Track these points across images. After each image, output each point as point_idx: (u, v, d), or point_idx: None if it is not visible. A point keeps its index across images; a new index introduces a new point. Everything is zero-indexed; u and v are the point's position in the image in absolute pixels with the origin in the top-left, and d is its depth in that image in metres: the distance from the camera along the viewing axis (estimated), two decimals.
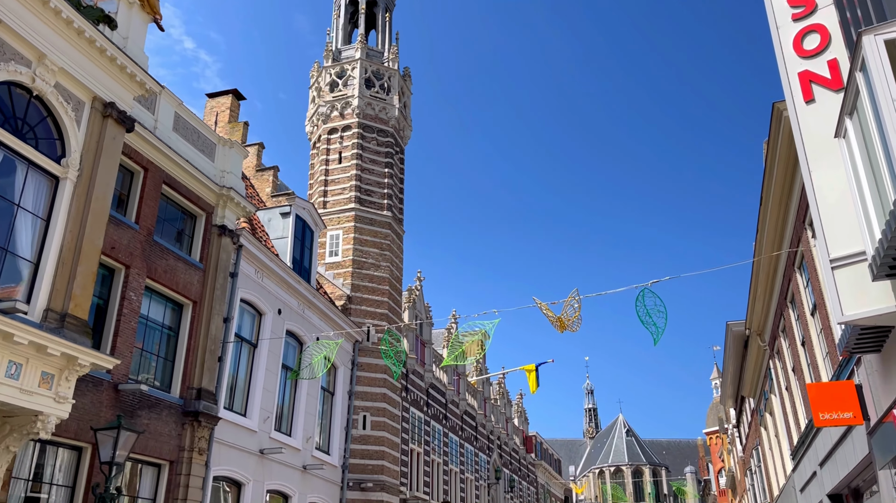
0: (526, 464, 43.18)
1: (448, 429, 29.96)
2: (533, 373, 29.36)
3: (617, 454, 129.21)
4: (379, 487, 20.16)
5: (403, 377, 25.55)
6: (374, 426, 20.85)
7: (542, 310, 12.58)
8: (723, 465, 49.92)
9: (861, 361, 9.81)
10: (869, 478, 11.50)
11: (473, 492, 32.27)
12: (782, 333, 17.32)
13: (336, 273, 22.38)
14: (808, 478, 15.65)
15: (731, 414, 37.00)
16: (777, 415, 20.52)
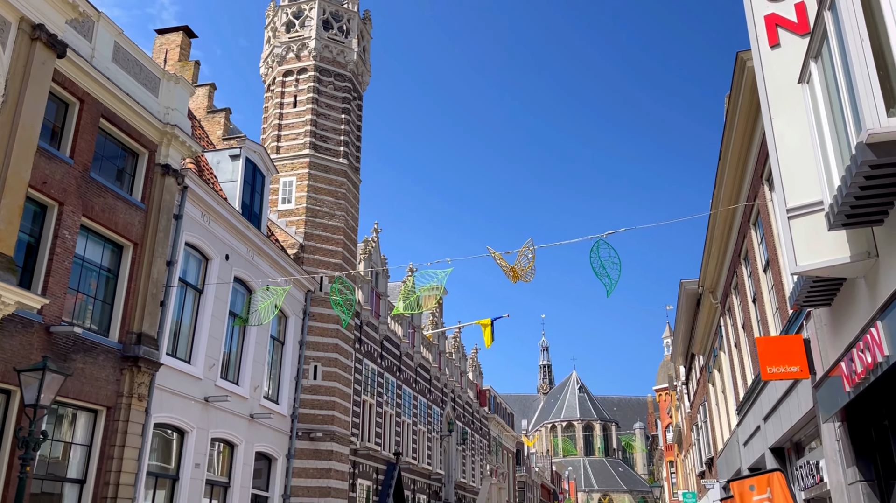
0: (479, 417, 43.61)
1: (402, 381, 29.90)
2: (488, 328, 29.36)
3: (569, 410, 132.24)
4: (329, 437, 19.99)
5: (357, 329, 25.28)
6: (326, 376, 20.58)
7: (495, 259, 12.30)
8: (670, 421, 51.22)
9: (810, 316, 9.78)
10: (811, 432, 11.66)
11: (426, 444, 32.45)
12: (734, 290, 17.42)
13: (289, 221, 21.79)
14: (752, 432, 15.91)
15: (681, 371, 37.76)
16: (725, 372, 20.84)
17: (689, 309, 27.28)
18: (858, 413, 8.41)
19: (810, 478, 11.58)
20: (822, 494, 11.37)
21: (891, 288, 6.30)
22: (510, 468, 51.30)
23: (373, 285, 27.08)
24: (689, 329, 29.22)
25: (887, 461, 8.32)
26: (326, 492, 19.52)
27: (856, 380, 7.13)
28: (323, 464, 19.70)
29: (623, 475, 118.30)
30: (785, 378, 9.97)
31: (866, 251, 6.90)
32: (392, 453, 27.45)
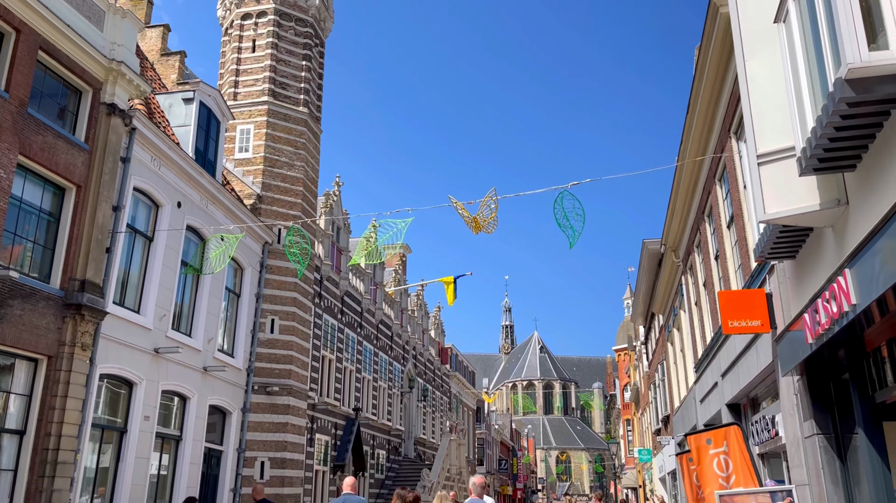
0: (440, 374, 43.72)
1: (363, 337, 29.63)
2: (451, 286, 29.13)
3: (530, 369, 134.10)
4: (286, 391, 19.66)
5: (317, 283, 24.82)
6: (283, 330, 20.15)
7: (457, 209, 11.91)
8: (628, 381, 52.08)
9: (773, 270, 9.65)
10: (769, 387, 11.67)
11: (386, 401, 32.38)
12: (697, 248, 17.36)
13: (246, 170, 21.07)
14: (709, 389, 16.01)
15: (640, 331, 38.18)
16: (684, 330, 20.96)
17: (651, 269, 27.37)
18: (818, 366, 8.32)
19: (765, 432, 11.62)
20: (776, 449, 11.43)
21: (860, 235, 6.09)
22: (470, 425, 51.77)
23: (333, 240, 26.57)
24: (649, 289, 29.38)
25: (845, 414, 8.28)
26: (283, 447, 19.25)
27: (819, 332, 6.97)
28: (279, 419, 19.41)
29: (581, 433, 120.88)
30: (746, 332, 9.87)
31: (836, 199, 6.68)
32: (351, 409, 27.30)
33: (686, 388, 21.25)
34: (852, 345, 7.18)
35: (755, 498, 8.70)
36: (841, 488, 8.13)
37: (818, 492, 8.38)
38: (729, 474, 9.85)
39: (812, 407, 8.46)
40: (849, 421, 8.26)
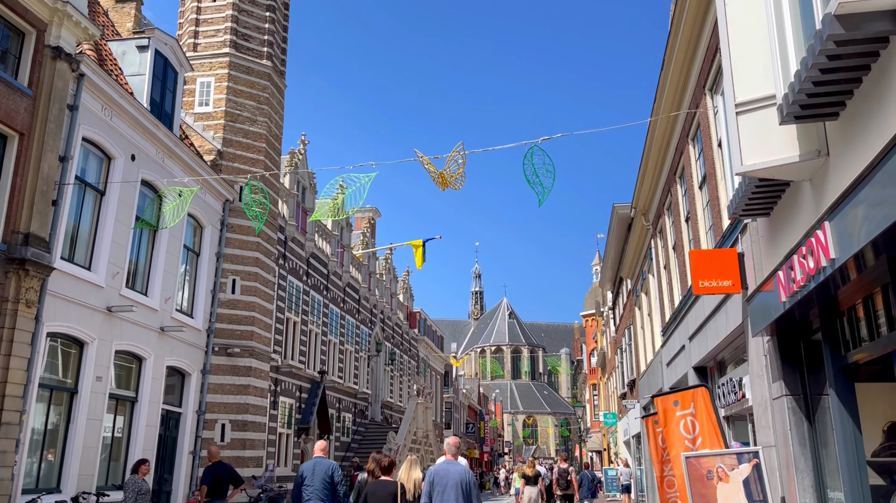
0: (408, 339, 43.53)
1: (329, 300, 29.18)
2: (420, 249, 28.73)
3: (499, 335, 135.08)
4: (248, 353, 19.19)
5: (281, 244, 24.23)
6: (245, 291, 19.61)
7: (423, 164, 11.44)
8: (595, 346, 52.48)
9: (746, 229, 9.39)
10: (737, 350, 11.54)
11: (353, 364, 32.09)
12: (667, 211, 17.15)
13: (206, 125, 20.27)
14: (676, 352, 15.93)
15: (608, 296, 38.28)
16: (652, 295, 20.88)
17: (620, 233, 27.23)
18: (789, 327, 8.11)
19: (732, 394, 11.52)
20: (742, 411, 11.34)
21: (840, 187, 5.79)
22: (438, 389, 51.87)
23: (299, 200, 25.91)
24: (618, 253, 29.30)
25: (815, 375, 8.10)
26: (244, 409, 18.86)
27: (793, 289, 6.71)
28: (241, 381, 18.97)
29: (548, 398, 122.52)
30: (716, 292, 9.64)
31: (816, 150, 6.36)
32: (317, 372, 26.95)
33: (653, 352, 21.25)
34: (826, 303, 6.95)
35: (721, 460, 8.54)
36: (808, 450, 7.99)
37: (785, 454, 8.24)
38: (695, 436, 9.69)
39: (782, 368, 8.28)
40: (818, 382, 8.09)
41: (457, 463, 7.35)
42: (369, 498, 7.50)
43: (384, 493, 7.49)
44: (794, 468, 7.97)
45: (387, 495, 7.47)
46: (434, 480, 7.11)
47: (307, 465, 9.01)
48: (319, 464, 8.95)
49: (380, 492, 7.54)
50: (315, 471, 8.81)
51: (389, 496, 7.45)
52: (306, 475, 8.83)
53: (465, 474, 7.15)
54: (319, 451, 9.21)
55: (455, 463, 7.31)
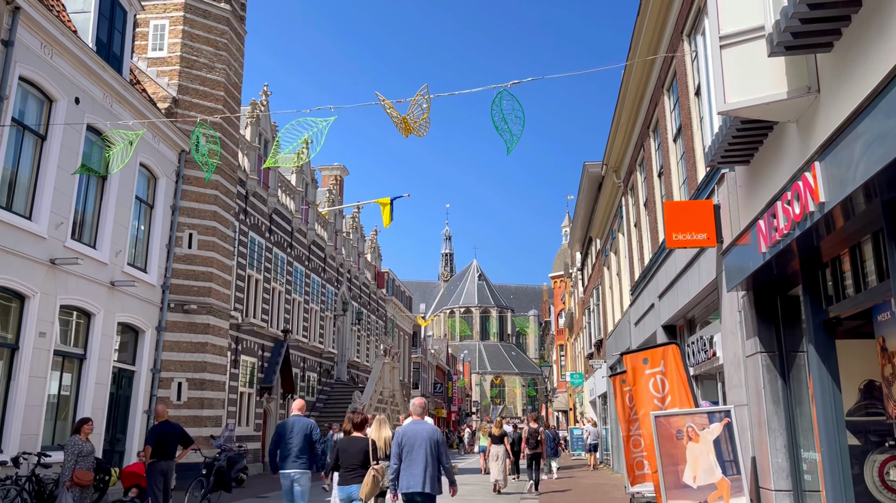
0: (376, 299, 43.04)
1: (293, 258, 28.45)
2: (387, 207, 28.01)
3: (468, 296, 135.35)
4: (205, 310, 18.49)
5: (242, 199, 23.38)
6: (202, 245, 18.82)
7: (385, 108, 10.73)
8: (563, 307, 52.57)
9: (723, 180, 8.93)
10: (707, 307, 11.21)
11: (318, 323, 31.53)
12: (639, 167, 16.71)
13: (160, 71, 19.20)
14: (645, 311, 15.64)
15: (577, 257, 38.11)
16: (622, 254, 20.58)
17: (591, 192, 26.83)
18: (765, 281, 7.72)
19: (702, 353, 11.22)
20: (712, 370, 11.06)
21: (832, 125, 5.30)
22: (406, 349, 51.67)
23: (260, 153, 24.99)
24: (588, 213, 28.95)
25: (791, 332, 7.75)
26: (202, 367, 18.23)
27: (775, 238, 6.27)
28: (198, 338, 18.30)
29: (515, 359, 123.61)
30: (691, 245, 9.22)
31: (806, 86, 5.86)
32: (280, 331, 26.36)
33: (621, 312, 21.03)
34: (809, 254, 6.52)
35: (692, 419, 8.19)
36: (782, 408, 7.67)
37: (757, 413, 7.92)
38: (664, 395, 9.33)
39: (757, 324, 7.90)
40: (794, 338, 7.75)
41: (424, 422, 7.29)
42: (341, 454, 7.61)
43: (355, 450, 7.59)
44: (767, 427, 7.65)
45: (358, 451, 7.58)
46: (403, 440, 7.03)
47: (286, 424, 9.04)
48: (298, 422, 9.00)
49: (351, 448, 7.63)
50: (294, 430, 8.88)
51: (360, 452, 7.56)
52: (285, 433, 8.90)
53: (434, 433, 7.09)
54: (297, 410, 9.28)
55: (423, 422, 7.26)
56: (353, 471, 7.57)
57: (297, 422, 9.01)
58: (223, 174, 19.59)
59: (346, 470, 7.61)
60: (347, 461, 7.60)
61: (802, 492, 7.41)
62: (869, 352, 6.65)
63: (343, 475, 7.63)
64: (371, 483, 7.40)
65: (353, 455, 7.60)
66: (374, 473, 7.46)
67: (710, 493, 7.85)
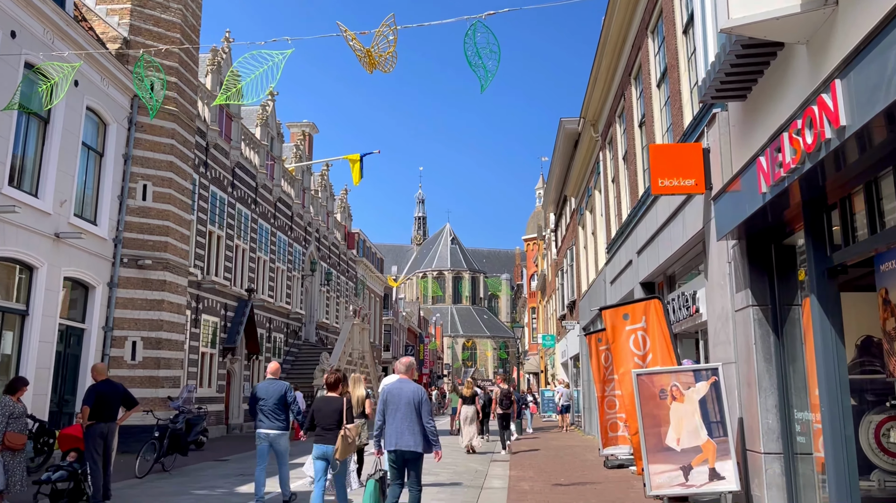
0: (346, 259, 42.13)
1: (258, 215, 27.40)
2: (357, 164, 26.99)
3: (441, 260, 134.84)
4: (161, 266, 17.50)
5: (202, 150, 22.24)
6: (158, 197, 17.74)
7: (348, 41, 9.79)
8: (536, 270, 52.18)
9: (714, 121, 8.21)
10: (690, 261, 10.59)
11: (285, 283, 30.62)
12: (618, 119, 15.97)
13: (110, 9, 17.86)
14: (622, 268, 15.04)
15: (551, 219, 37.53)
16: (597, 211, 19.95)
17: (567, 150, 26.09)
18: (760, 228, 7.07)
19: (683, 310, 10.64)
20: (693, 327, 10.49)
21: (857, 35, 4.57)
22: (377, 311, 51.01)
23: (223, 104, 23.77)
24: (563, 171, 28.24)
25: (785, 284, 7.13)
26: (158, 326, 17.32)
27: (780, 175, 5.57)
28: (154, 295, 17.34)
29: (487, 322, 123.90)
30: (678, 192, 8.52)
31: None
32: (244, 290, 25.44)
33: (595, 272, 20.48)
34: (814, 194, 5.85)
35: (677, 377, 7.59)
36: (774, 366, 7.08)
37: (746, 371, 7.34)
38: (646, 352, 8.72)
39: (749, 275, 7.27)
40: (789, 291, 7.13)
41: (409, 381, 7.20)
42: (316, 414, 7.65)
43: (330, 409, 7.62)
44: (757, 386, 7.07)
45: (332, 411, 7.59)
46: (387, 399, 6.96)
47: (261, 386, 9.25)
48: (273, 384, 9.18)
49: (326, 408, 7.65)
50: (269, 392, 9.07)
51: (335, 412, 7.57)
52: (261, 395, 9.10)
53: (418, 392, 7.00)
54: (271, 374, 9.44)
55: (407, 381, 7.17)
56: (330, 431, 7.57)
57: (272, 385, 9.15)
58: (180, 122, 18.45)
59: (322, 428, 7.63)
60: (323, 420, 7.62)
61: (794, 455, 6.87)
62: (867, 306, 6.01)
63: (320, 434, 7.66)
64: (342, 443, 7.39)
65: (329, 415, 7.61)
66: (345, 432, 7.44)
67: (694, 457, 7.28)
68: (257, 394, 9.13)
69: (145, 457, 12.54)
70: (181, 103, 18.59)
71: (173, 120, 18.17)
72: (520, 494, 9.84)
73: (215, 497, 9.87)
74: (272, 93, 29.28)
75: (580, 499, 9.21)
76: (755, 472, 7.13)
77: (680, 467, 7.28)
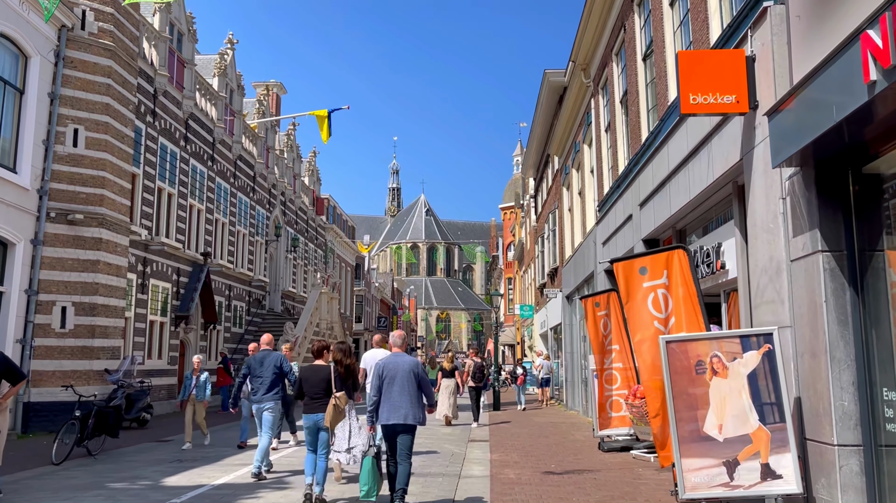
0: (315, 226, 39.98)
1: (215, 173, 25.18)
2: (325, 121, 24.83)
3: (415, 232, 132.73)
4: (96, 222, 15.38)
5: (149, 98, 19.97)
6: (92, 144, 15.55)
7: None
8: (513, 240, 50.53)
9: (765, 17, 6.38)
10: (707, 212, 8.86)
11: (246, 248, 28.49)
12: (616, 57, 14.13)
13: None
14: (619, 225, 13.30)
15: (530, 185, 35.75)
16: (586, 168, 18.16)
17: (551, 105, 24.23)
18: (833, 151, 5.32)
19: (704, 267, 8.92)
20: (714, 287, 8.79)
21: None
22: (348, 281, 49.02)
23: (172, 46, 21.44)
24: (546, 129, 26.39)
25: (867, 223, 5.40)
26: (93, 290, 15.26)
27: None
28: (88, 255, 15.25)
29: (462, 294, 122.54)
30: (714, 111, 6.72)
31: None
32: (200, 254, 23.34)
33: (583, 234, 18.77)
34: None
35: (718, 345, 5.84)
36: (850, 329, 5.36)
37: (810, 337, 5.63)
38: (668, 315, 6.97)
39: (819, 211, 5.51)
40: (872, 232, 5.40)
41: (404, 355, 6.98)
42: (304, 383, 7.55)
43: (317, 379, 7.53)
44: (828, 357, 5.36)
45: (320, 380, 7.51)
46: (384, 373, 6.79)
47: (255, 358, 9.23)
48: (268, 356, 9.15)
49: (313, 377, 7.55)
50: (264, 364, 9.09)
51: (323, 381, 7.50)
52: (255, 367, 9.12)
53: (416, 365, 6.85)
54: (266, 345, 9.45)
55: (403, 355, 6.98)
56: (318, 400, 7.46)
57: (267, 356, 9.12)
58: (118, 59, 16.21)
59: (310, 398, 7.50)
60: (311, 390, 7.50)
61: (878, 448, 5.18)
62: None
63: (308, 403, 7.51)
64: (333, 411, 7.30)
65: (316, 384, 7.49)
66: (335, 401, 7.31)
67: (741, 449, 5.57)
68: (251, 363, 9.15)
69: (63, 441, 10.60)
70: (119, 38, 16.35)
71: (110, 56, 15.95)
72: (505, 486, 8.11)
73: (132, 492, 8.01)
74: (231, 40, 26.88)
75: (580, 494, 7.50)
76: (822, 470, 5.45)
77: (722, 462, 5.58)
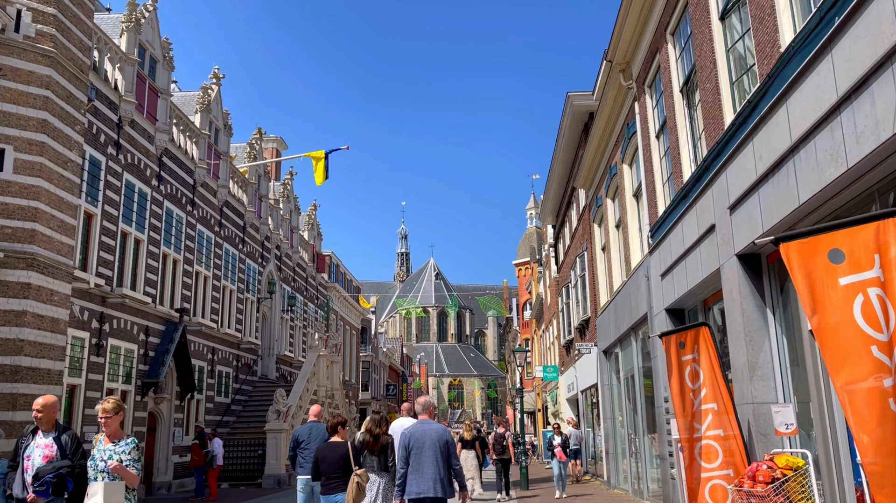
0: (315, 284, 36.85)
1: (196, 219, 22.27)
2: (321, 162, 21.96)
3: (425, 296, 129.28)
4: (24, 263, 12.32)
5: (113, 127, 17.20)
6: (22, 167, 12.65)
7: None
8: (529, 297, 47.19)
9: None
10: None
11: (234, 306, 25.30)
12: (671, 37, 11.19)
13: None
14: (687, 247, 10.07)
15: (549, 233, 32.70)
16: (628, 192, 15.07)
17: (574, 133, 21.41)
18: None
19: None
20: None
21: None
22: (353, 346, 45.53)
23: (141, 70, 18.83)
24: (569, 165, 23.49)
25: None
26: (16, 348, 12.08)
27: None
28: (11, 305, 12.14)
29: (474, 360, 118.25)
30: None
31: None
32: (175, 310, 20.17)
33: (625, 273, 15.51)
34: None
35: None
36: None
37: None
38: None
39: None
40: None
41: (431, 422, 6.61)
42: (321, 462, 7.18)
43: (334, 456, 7.13)
44: None
45: (337, 458, 7.11)
46: (410, 443, 6.39)
47: (303, 430, 8.98)
48: (315, 427, 8.97)
49: (330, 455, 7.15)
50: (311, 435, 8.87)
51: (340, 458, 7.11)
52: (303, 439, 8.89)
53: (444, 433, 6.50)
54: (314, 416, 9.18)
55: (429, 422, 6.59)
56: (337, 479, 7.05)
57: (315, 428, 8.97)
58: (61, 69, 13.47)
59: (327, 478, 7.07)
60: (328, 469, 7.08)
61: None
62: None
63: (325, 484, 7.09)
64: (356, 489, 6.79)
65: (333, 461, 7.09)
66: (358, 480, 6.81)
67: None
68: (299, 437, 8.92)
69: None
70: (62, 44, 13.64)
71: (49, 64, 13.21)
72: None
73: None
74: (216, 74, 24.38)
75: None
76: None
77: None
